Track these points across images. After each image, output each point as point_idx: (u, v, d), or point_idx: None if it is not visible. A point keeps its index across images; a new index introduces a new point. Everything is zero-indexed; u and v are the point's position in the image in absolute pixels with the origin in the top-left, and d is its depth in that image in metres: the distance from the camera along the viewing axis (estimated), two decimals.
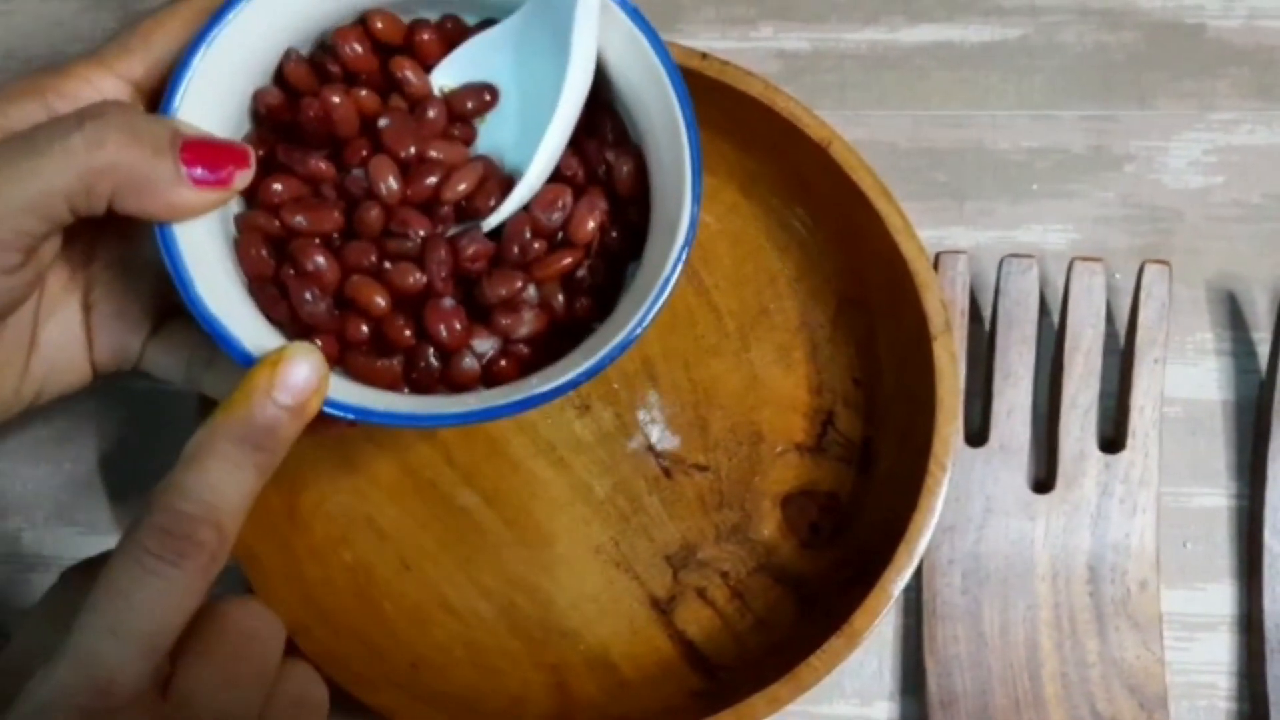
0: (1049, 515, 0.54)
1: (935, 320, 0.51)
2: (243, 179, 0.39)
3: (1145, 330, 0.54)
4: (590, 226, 0.42)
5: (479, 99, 0.42)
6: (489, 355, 0.42)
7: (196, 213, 0.38)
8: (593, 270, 0.43)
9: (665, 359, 0.56)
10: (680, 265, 0.40)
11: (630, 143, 0.43)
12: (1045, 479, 0.55)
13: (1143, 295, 0.54)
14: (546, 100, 0.41)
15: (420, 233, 0.41)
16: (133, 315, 0.43)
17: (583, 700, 0.54)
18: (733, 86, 0.52)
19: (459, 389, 0.42)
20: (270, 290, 0.40)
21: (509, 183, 0.42)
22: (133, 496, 0.58)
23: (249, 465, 0.36)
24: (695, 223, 0.40)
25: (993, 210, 0.59)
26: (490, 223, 0.42)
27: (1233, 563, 0.56)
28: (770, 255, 0.57)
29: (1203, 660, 0.55)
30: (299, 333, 0.40)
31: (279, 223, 0.40)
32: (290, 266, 0.40)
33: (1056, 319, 0.55)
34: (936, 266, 0.54)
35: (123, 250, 0.43)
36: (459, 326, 0.41)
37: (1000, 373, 0.54)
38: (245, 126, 0.42)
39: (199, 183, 0.38)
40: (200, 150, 0.38)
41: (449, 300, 0.41)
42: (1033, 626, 0.53)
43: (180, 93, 0.38)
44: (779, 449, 0.56)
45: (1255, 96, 0.59)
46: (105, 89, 0.39)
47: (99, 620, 0.34)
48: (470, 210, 0.42)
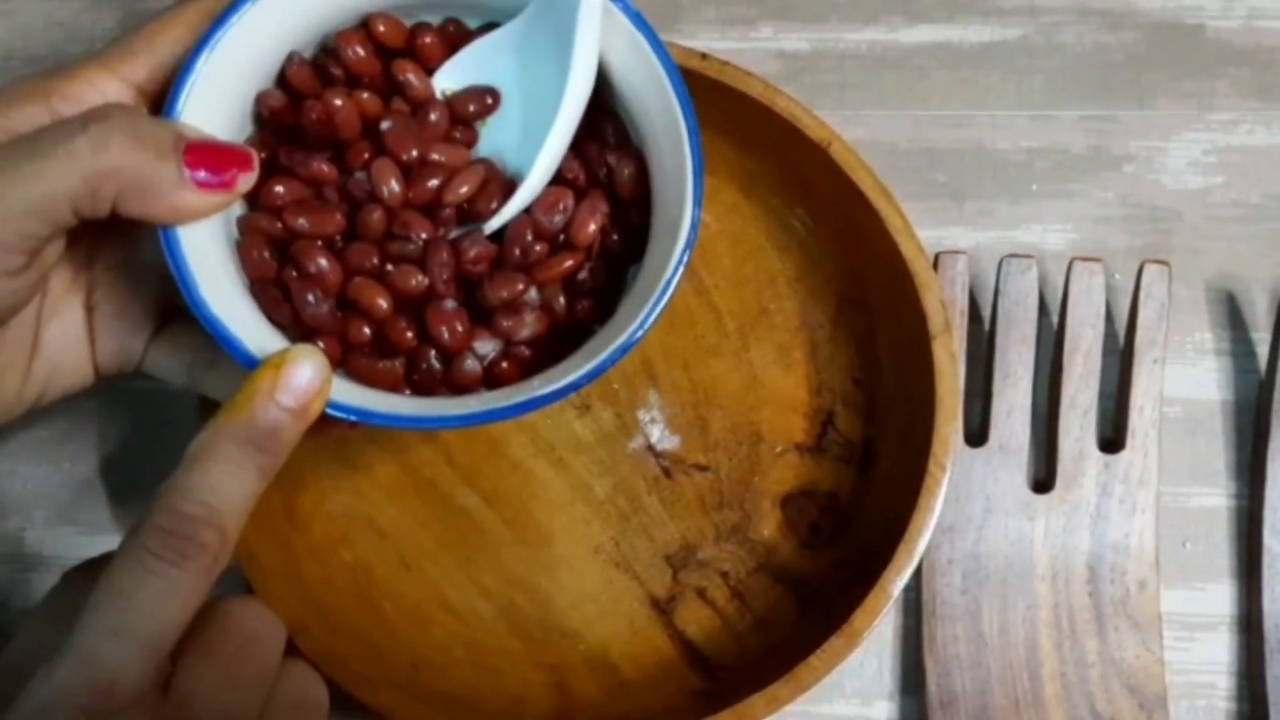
0: (1048, 515, 0.54)
1: (935, 320, 0.51)
2: (246, 182, 0.39)
3: (1145, 330, 0.54)
4: (591, 229, 0.42)
5: (481, 102, 0.43)
6: (490, 357, 0.42)
7: (200, 215, 0.38)
8: (594, 273, 0.43)
9: (665, 359, 0.56)
10: (681, 268, 0.40)
11: (632, 146, 0.43)
12: (1045, 479, 0.55)
13: (1142, 295, 0.54)
14: (548, 103, 0.41)
15: (422, 235, 0.41)
16: (135, 317, 0.43)
17: (583, 700, 0.54)
18: (732, 87, 0.52)
19: (460, 391, 0.42)
20: (272, 292, 0.40)
21: (511, 185, 0.42)
22: (133, 497, 0.58)
23: (251, 467, 0.36)
24: (696, 226, 0.40)
25: (992, 210, 0.59)
26: (492, 225, 0.42)
27: (1232, 563, 0.56)
28: (770, 255, 0.57)
29: (1202, 660, 0.55)
30: (301, 335, 0.40)
31: (281, 225, 0.41)
32: (293, 268, 0.40)
33: (1056, 319, 0.55)
34: (936, 266, 0.54)
35: (125, 252, 0.43)
36: (461, 328, 0.41)
37: (1000, 373, 0.54)
38: (248, 129, 0.42)
39: (202, 185, 0.38)
40: (203, 153, 0.38)
41: (451, 302, 0.41)
42: (1032, 626, 0.53)
43: (183, 96, 0.39)
44: (779, 449, 0.56)
45: (1255, 97, 0.59)
46: (109, 92, 0.39)
47: (101, 621, 0.34)
48: (472, 213, 0.42)
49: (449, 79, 0.43)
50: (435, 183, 0.41)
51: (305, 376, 0.37)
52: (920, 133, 0.60)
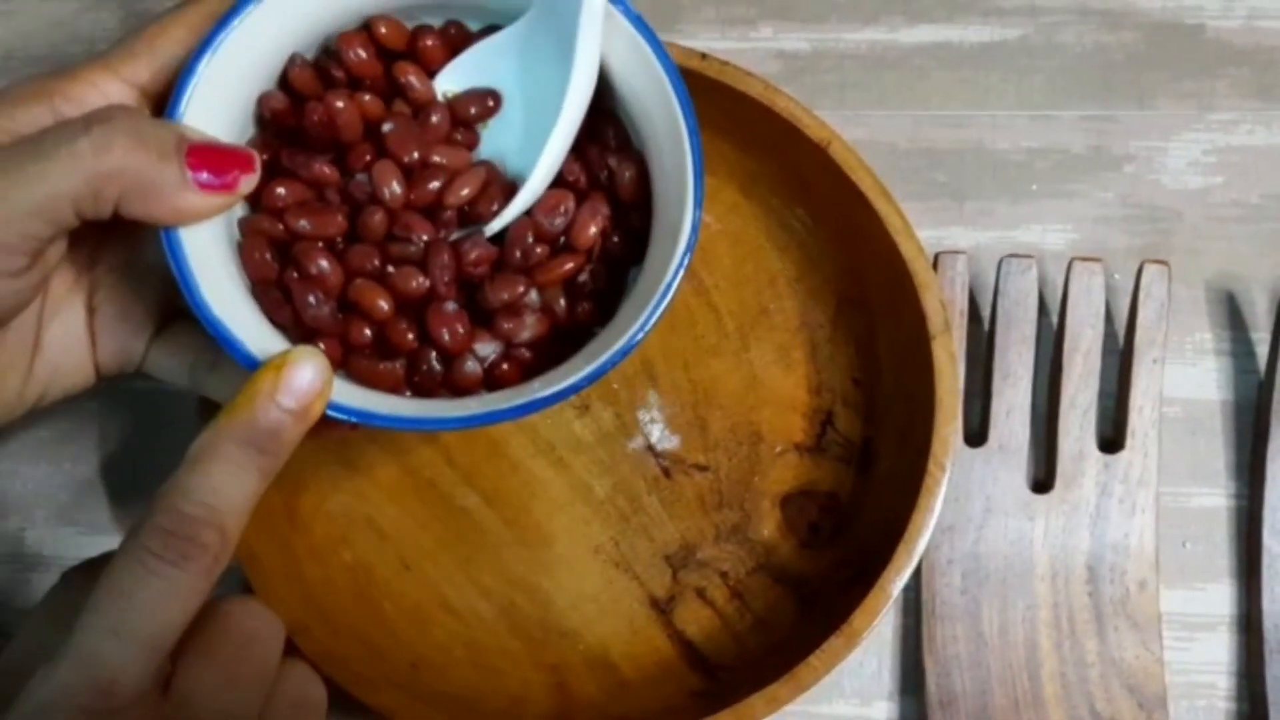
0: (1048, 515, 0.54)
1: (934, 320, 0.51)
2: (248, 183, 0.39)
3: (1144, 330, 0.54)
4: (592, 232, 0.42)
5: (482, 104, 0.43)
6: (491, 359, 0.42)
7: (202, 217, 0.38)
8: (594, 275, 0.43)
9: (665, 359, 0.56)
10: (682, 271, 0.40)
11: (632, 149, 0.43)
12: (1044, 479, 0.55)
13: (1142, 295, 0.54)
14: (550, 106, 0.41)
15: (423, 237, 0.41)
16: (136, 318, 0.43)
17: (583, 700, 0.54)
18: (732, 87, 0.52)
19: (461, 393, 0.42)
20: (274, 294, 0.40)
21: (512, 188, 0.42)
22: (134, 497, 0.58)
23: (252, 468, 0.36)
24: (697, 229, 0.40)
25: (992, 210, 0.59)
26: (493, 227, 0.42)
27: (1232, 563, 0.56)
28: (770, 255, 0.57)
29: (1202, 660, 0.55)
30: (302, 336, 0.40)
31: (283, 226, 0.41)
32: (294, 270, 0.40)
33: (1056, 319, 0.55)
34: (936, 266, 0.54)
35: (127, 253, 0.43)
36: (461, 330, 0.41)
37: (999, 373, 0.54)
38: (250, 131, 0.42)
39: (204, 187, 0.38)
40: (206, 155, 0.38)
41: (451, 304, 0.41)
42: (1032, 626, 0.53)
43: (186, 97, 0.39)
44: (778, 449, 0.56)
45: (1255, 97, 0.59)
46: (111, 93, 0.39)
47: (101, 620, 0.34)
48: (473, 215, 0.42)
49: (450, 81, 0.43)
50: (436, 185, 0.41)
51: (306, 378, 0.37)
52: (920, 133, 0.60)
